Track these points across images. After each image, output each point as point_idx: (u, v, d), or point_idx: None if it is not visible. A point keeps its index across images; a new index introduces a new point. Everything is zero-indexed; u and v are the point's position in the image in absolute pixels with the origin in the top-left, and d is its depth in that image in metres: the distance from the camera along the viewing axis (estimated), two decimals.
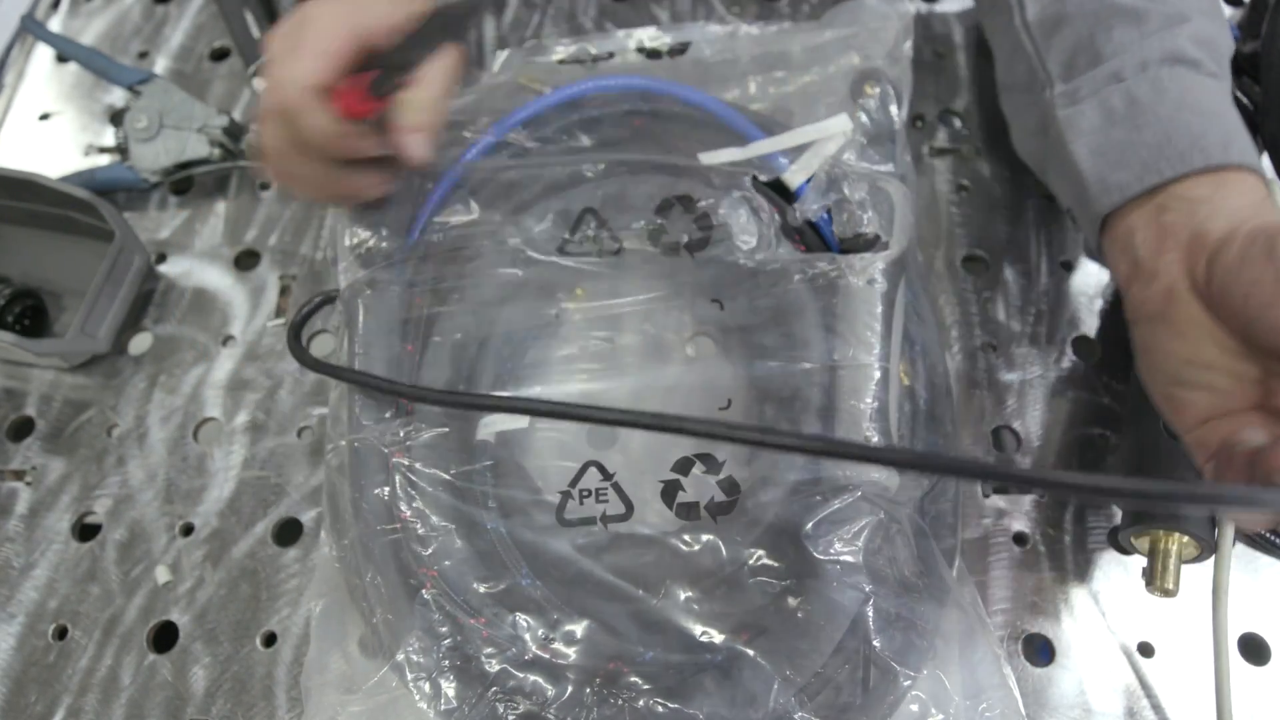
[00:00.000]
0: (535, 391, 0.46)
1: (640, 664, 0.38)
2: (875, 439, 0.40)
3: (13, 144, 0.63)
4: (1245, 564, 0.45)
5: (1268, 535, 0.45)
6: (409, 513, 0.41)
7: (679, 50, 0.53)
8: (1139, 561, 0.43)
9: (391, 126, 0.41)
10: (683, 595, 0.39)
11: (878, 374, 0.41)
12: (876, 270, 0.43)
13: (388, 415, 0.43)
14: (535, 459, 0.46)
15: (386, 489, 0.41)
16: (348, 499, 0.42)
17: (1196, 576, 0.42)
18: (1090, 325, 0.52)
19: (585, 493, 0.45)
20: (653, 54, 0.54)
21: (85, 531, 0.49)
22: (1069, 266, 0.54)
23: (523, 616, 0.39)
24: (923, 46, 0.62)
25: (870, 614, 0.37)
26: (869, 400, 0.41)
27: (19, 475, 0.50)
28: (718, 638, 0.38)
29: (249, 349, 0.53)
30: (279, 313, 0.54)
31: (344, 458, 0.43)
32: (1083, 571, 0.46)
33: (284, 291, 0.55)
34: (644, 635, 0.39)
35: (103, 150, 0.61)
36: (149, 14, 0.68)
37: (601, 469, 0.45)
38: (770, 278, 0.45)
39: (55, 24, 0.68)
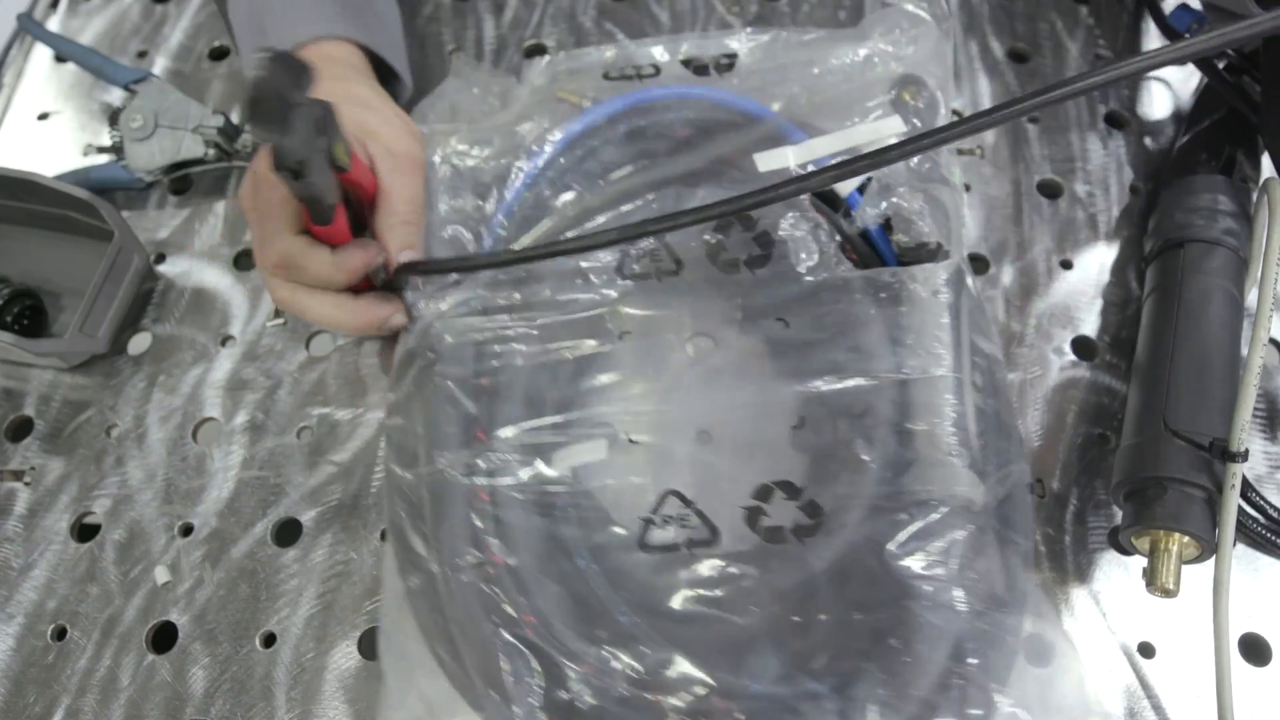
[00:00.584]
0: (600, 412, 0.45)
1: (736, 696, 0.37)
2: (958, 450, 0.40)
3: (11, 143, 0.62)
4: (1245, 564, 0.45)
5: (1268, 535, 0.45)
6: (493, 549, 0.39)
7: (727, 65, 0.52)
8: (1139, 562, 0.43)
9: (382, 249, 0.45)
10: (774, 622, 0.38)
11: (953, 385, 0.41)
12: (940, 280, 0.43)
13: (463, 447, 0.42)
14: (613, 489, 0.44)
15: (467, 525, 0.40)
16: (419, 532, 0.41)
17: (1196, 576, 0.42)
18: (1090, 325, 0.52)
19: (667, 519, 0.43)
20: (700, 69, 0.52)
21: (84, 532, 0.49)
22: (1069, 266, 0.54)
23: (615, 651, 0.37)
24: None
25: (966, 633, 0.36)
26: (948, 411, 0.41)
27: (18, 475, 0.50)
28: (814, 665, 0.37)
29: (248, 349, 0.53)
30: (278, 313, 0.54)
31: (412, 489, 0.42)
32: (1083, 572, 0.46)
33: None
34: (737, 665, 0.38)
35: (101, 150, 0.61)
36: (148, 13, 0.68)
37: (681, 497, 0.44)
38: (833, 294, 0.44)
39: (54, 23, 0.68)
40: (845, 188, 0.46)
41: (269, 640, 0.45)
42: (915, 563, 0.37)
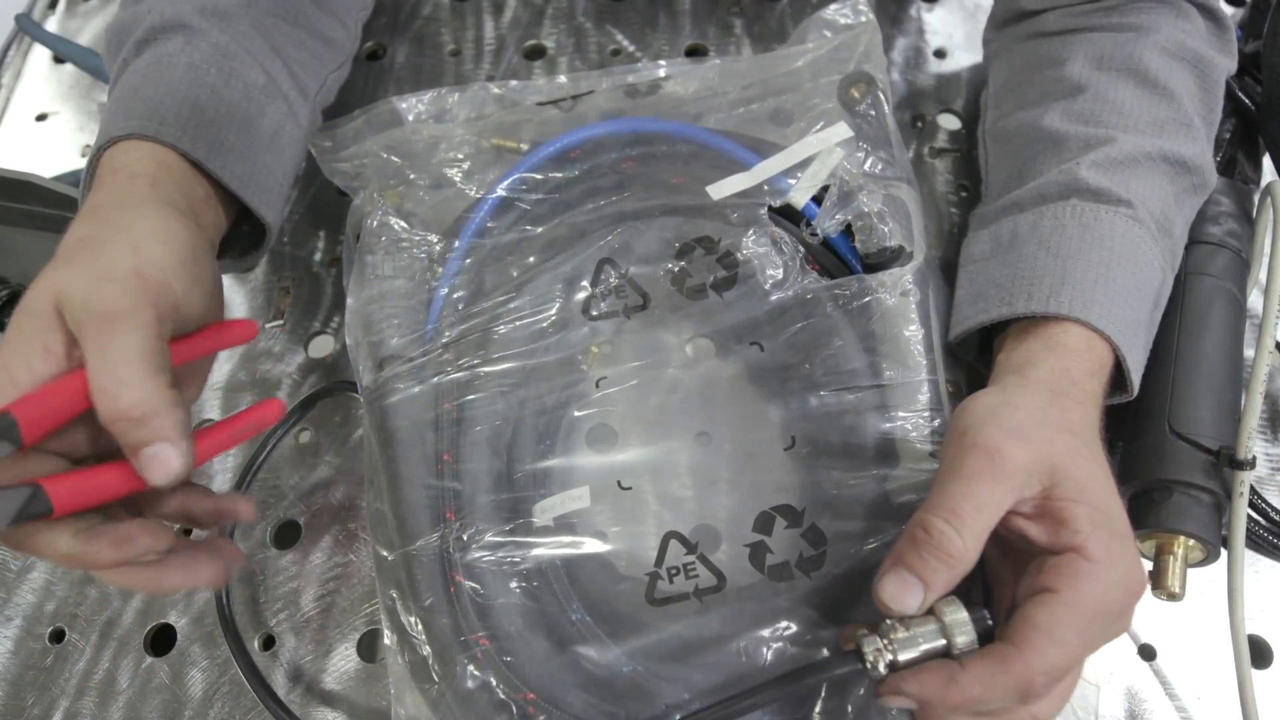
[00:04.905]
0: (583, 463, 0.44)
1: None
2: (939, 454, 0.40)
3: (10, 144, 0.62)
4: (1247, 566, 0.45)
5: (1270, 538, 0.44)
6: (483, 631, 0.39)
7: (654, 87, 0.51)
8: (1144, 565, 0.43)
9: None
10: (788, 658, 0.38)
11: (927, 388, 0.41)
12: (907, 282, 0.43)
13: (439, 521, 0.41)
14: (613, 538, 0.42)
15: (448, 608, 0.39)
16: (411, 611, 0.40)
17: (1196, 579, 0.42)
18: None
19: (674, 570, 0.41)
20: (630, 91, 0.51)
21: None
22: None
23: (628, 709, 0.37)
24: (924, 46, 0.62)
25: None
26: (925, 416, 0.41)
27: None
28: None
29: (247, 350, 0.53)
30: (277, 314, 0.54)
31: (393, 570, 0.41)
32: None
33: (282, 293, 0.55)
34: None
35: None
36: None
37: (683, 540, 0.42)
38: (803, 310, 0.44)
39: (53, 24, 0.68)
40: (800, 198, 0.46)
41: (268, 642, 0.45)
42: None
